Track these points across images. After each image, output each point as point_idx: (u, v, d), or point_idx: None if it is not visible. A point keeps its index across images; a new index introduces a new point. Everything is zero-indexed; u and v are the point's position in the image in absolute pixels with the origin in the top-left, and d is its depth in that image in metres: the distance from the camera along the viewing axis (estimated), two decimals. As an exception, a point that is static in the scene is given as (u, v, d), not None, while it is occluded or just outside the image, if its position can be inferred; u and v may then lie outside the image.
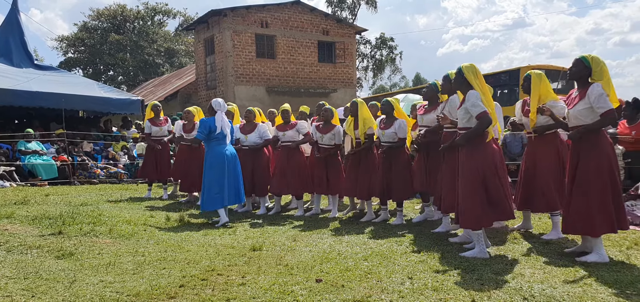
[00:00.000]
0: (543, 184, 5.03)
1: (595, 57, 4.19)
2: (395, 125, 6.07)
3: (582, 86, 4.24)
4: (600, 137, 4.18)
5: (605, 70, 4.15)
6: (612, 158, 4.18)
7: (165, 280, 3.76)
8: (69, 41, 40.06)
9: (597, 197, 4.10)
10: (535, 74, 5.02)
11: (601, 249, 4.19)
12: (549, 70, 14.56)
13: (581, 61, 4.22)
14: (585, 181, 4.16)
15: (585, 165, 4.17)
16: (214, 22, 21.24)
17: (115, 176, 11.99)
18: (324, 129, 6.79)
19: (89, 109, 14.78)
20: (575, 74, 4.27)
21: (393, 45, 39.37)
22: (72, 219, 6.19)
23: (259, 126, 7.19)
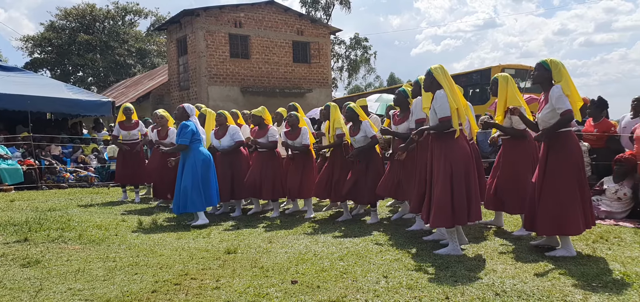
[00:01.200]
0: (516, 185, 5.09)
1: (553, 60, 4.32)
2: (363, 130, 6.15)
3: (545, 89, 4.36)
4: (568, 138, 4.27)
5: (563, 71, 4.27)
6: (579, 158, 4.28)
7: (137, 286, 3.68)
8: (35, 41, 39.02)
9: (566, 197, 4.19)
10: (502, 77, 5.09)
11: (569, 244, 4.30)
12: (519, 69, 14.89)
13: (541, 65, 4.36)
14: (554, 182, 4.24)
15: (554, 166, 4.25)
16: (187, 22, 20.98)
17: (86, 179, 11.70)
18: (292, 135, 6.83)
19: (57, 111, 14.40)
20: (538, 78, 4.41)
21: (367, 45, 39.70)
22: (39, 225, 6.02)
23: (229, 129, 7.12)
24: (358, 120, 6.21)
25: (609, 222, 5.74)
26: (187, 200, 6.26)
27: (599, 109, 7.04)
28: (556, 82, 4.27)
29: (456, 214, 4.40)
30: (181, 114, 6.51)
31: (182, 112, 6.52)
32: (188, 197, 6.25)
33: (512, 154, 5.18)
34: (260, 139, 6.96)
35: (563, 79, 4.23)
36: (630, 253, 4.34)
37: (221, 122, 7.17)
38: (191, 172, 6.29)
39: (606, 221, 5.79)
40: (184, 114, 6.51)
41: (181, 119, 6.48)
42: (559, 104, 4.15)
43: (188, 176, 6.28)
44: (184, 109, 6.53)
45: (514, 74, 14.05)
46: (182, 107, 6.55)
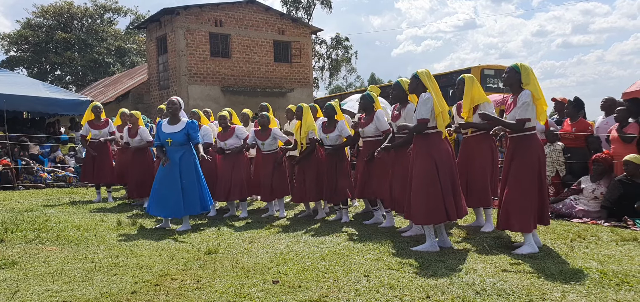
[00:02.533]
0: (477, 181, 5.39)
1: (523, 65, 4.50)
2: (338, 128, 6.22)
3: (515, 92, 4.53)
4: (532, 140, 4.46)
5: (532, 76, 4.45)
6: (541, 158, 4.48)
7: (116, 287, 3.63)
8: (12, 39, 38.19)
9: (528, 194, 4.39)
10: (468, 78, 5.34)
11: (531, 241, 4.47)
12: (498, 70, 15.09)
13: (513, 69, 4.53)
14: (516, 180, 4.43)
15: (518, 165, 4.44)
16: (167, 20, 20.75)
17: (64, 179, 11.50)
18: (263, 136, 6.85)
19: (33, 110, 14.11)
20: (508, 81, 4.57)
21: (348, 45, 39.75)
22: (15, 225, 5.89)
23: (201, 129, 7.07)
24: (334, 119, 6.27)
25: (586, 220, 5.86)
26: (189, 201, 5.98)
27: (576, 109, 7.19)
28: (525, 85, 4.44)
29: (434, 211, 4.51)
30: (177, 108, 6.09)
31: (178, 106, 6.10)
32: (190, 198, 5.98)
33: (475, 150, 5.45)
34: (229, 141, 6.95)
35: (531, 84, 4.41)
36: (608, 251, 4.43)
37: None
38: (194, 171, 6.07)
39: (583, 219, 5.91)
40: (179, 108, 6.12)
41: (177, 112, 6.08)
42: (519, 111, 4.38)
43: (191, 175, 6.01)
44: (179, 102, 6.13)
45: (493, 74, 14.25)
46: (177, 101, 6.12)
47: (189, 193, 5.96)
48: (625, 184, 5.83)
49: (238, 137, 7.01)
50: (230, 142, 6.96)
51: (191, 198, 5.98)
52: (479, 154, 5.43)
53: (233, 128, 7.04)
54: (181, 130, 5.98)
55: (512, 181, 4.46)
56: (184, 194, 5.94)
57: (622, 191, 5.82)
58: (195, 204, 6.02)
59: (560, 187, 6.89)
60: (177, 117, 6.07)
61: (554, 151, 6.97)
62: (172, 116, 6.08)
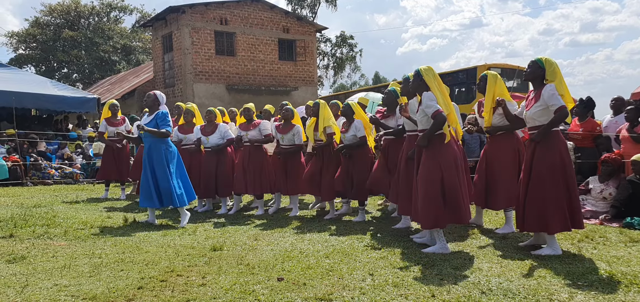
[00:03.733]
0: (501, 182, 5.16)
1: (548, 59, 4.34)
2: (353, 128, 6.16)
3: (537, 87, 4.37)
4: (554, 136, 4.30)
5: (557, 70, 4.30)
6: (565, 157, 4.31)
7: (123, 282, 3.67)
8: (20, 37, 38.48)
9: (551, 195, 4.22)
10: (491, 75, 5.14)
11: (555, 243, 4.34)
12: (505, 69, 15.03)
13: (536, 63, 4.37)
14: (540, 179, 4.28)
15: (540, 163, 4.28)
16: (172, 18, 20.83)
17: (71, 176, 11.59)
18: (284, 129, 6.80)
19: (41, 108, 14.24)
20: (531, 75, 4.41)
21: (353, 43, 39.68)
22: (24, 221, 5.95)
23: (219, 127, 7.10)
24: (352, 118, 6.22)
25: (593, 221, 5.81)
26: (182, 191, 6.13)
27: (586, 109, 7.13)
28: (549, 81, 4.29)
29: (441, 216, 4.40)
30: (153, 101, 6.20)
31: (153, 100, 6.21)
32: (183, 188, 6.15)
33: (497, 151, 5.23)
34: (250, 133, 6.93)
35: (557, 79, 4.26)
36: (616, 252, 4.40)
37: (210, 120, 7.15)
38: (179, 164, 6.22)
39: (591, 220, 5.86)
40: (155, 102, 6.21)
41: (153, 106, 6.19)
42: (552, 101, 4.17)
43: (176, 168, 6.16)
44: (156, 96, 6.23)
45: (500, 73, 14.13)
46: (154, 94, 6.25)
47: (164, 186, 6.02)
48: (635, 183, 5.79)
49: (260, 131, 6.93)
50: (251, 134, 6.91)
51: (168, 191, 6.03)
52: (503, 154, 5.18)
53: (257, 122, 7.00)
54: (151, 121, 6.11)
55: (535, 180, 4.29)
56: (157, 186, 6.04)
57: (631, 190, 5.77)
58: (180, 197, 6.10)
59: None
60: (154, 109, 6.21)
61: (564, 150, 6.94)
62: (149, 108, 6.27)
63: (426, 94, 4.46)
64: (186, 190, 6.27)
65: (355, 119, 6.20)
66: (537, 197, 4.28)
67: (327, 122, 6.38)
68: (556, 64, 4.33)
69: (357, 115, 6.26)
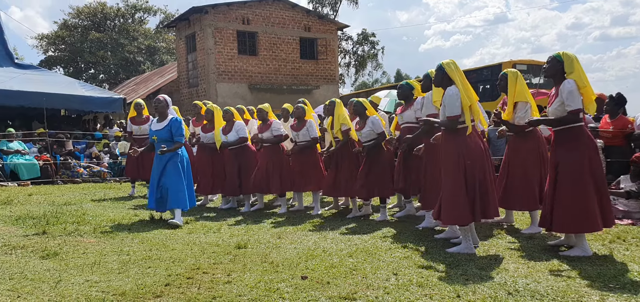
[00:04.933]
0: (524, 182, 5.10)
1: (566, 53, 4.27)
2: (369, 124, 6.16)
3: (557, 83, 4.29)
4: (581, 135, 4.21)
5: (576, 64, 4.21)
6: (593, 155, 4.21)
7: (150, 279, 3.75)
8: (49, 39, 39.43)
9: (579, 194, 4.13)
10: (511, 73, 5.10)
11: (584, 243, 4.24)
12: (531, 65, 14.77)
13: (554, 58, 4.30)
14: (566, 179, 4.20)
15: (566, 163, 4.21)
16: (195, 19, 21.07)
17: (99, 174, 11.87)
18: (298, 127, 6.90)
19: (70, 108, 14.61)
20: (550, 71, 4.34)
21: (375, 40, 39.46)
22: (56, 218, 6.13)
23: (235, 124, 7.22)
24: (365, 115, 6.23)
25: (626, 222, 5.67)
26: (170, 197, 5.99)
27: (617, 106, 6.93)
28: (568, 75, 4.21)
29: (469, 211, 4.35)
30: (164, 106, 6.20)
31: (164, 105, 6.21)
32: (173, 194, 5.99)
33: (519, 151, 5.17)
34: (264, 133, 7.02)
35: (575, 72, 4.17)
36: (647, 253, 4.27)
37: (228, 119, 7.27)
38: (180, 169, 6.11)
39: (623, 220, 5.71)
40: (166, 106, 6.23)
41: (165, 110, 6.18)
42: (569, 101, 4.10)
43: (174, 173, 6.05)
44: (167, 102, 6.25)
45: (526, 69, 13.94)
46: (164, 100, 6.24)
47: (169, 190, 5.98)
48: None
49: (272, 132, 7.05)
50: (266, 135, 7.03)
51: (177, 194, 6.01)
52: (523, 154, 5.13)
53: (270, 123, 7.10)
54: (165, 127, 6.09)
55: (562, 179, 4.21)
56: (160, 190, 6.02)
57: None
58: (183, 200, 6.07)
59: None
60: (165, 114, 6.19)
61: (593, 149, 6.78)
62: (160, 114, 6.23)
63: (450, 89, 4.42)
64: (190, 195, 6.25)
65: (369, 116, 6.21)
66: (565, 197, 4.20)
67: (342, 120, 6.44)
68: (575, 57, 4.24)
69: (370, 112, 6.29)
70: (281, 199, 7.19)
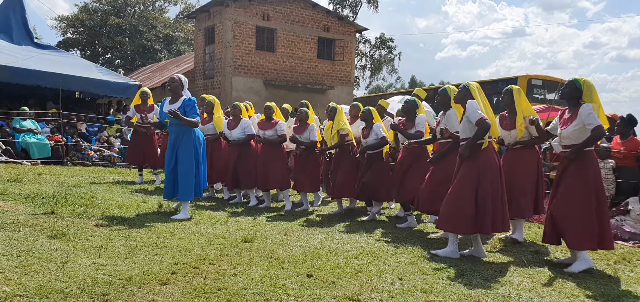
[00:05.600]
0: (517, 192, 5.23)
1: (586, 81, 4.36)
2: (373, 133, 6.31)
3: (573, 107, 4.39)
4: (589, 154, 4.30)
5: (595, 94, 4.32)
6: (597, 176, 4.31)
7: (157, 266, 3.78)
8: (69, 21, 39.77)
9: (581, 211, 4.21)
10: (516, 89, 5.27)
11: (586, 255, 4.29)
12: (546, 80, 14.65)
13: (573, 83, 4.39)
14: (570, 195, 4.28)
15: (572, 179, 4.29)
16: (216, 11, 21.17)
17: (109, 159, 11.96)
18: (299, 130, 7.01)
19: (86, 91, 14.73)
20: (567, 95, 4.43)
21: (392, 45, 39.42)
22: (64, 199, 6.19)
23: (242, 121, 7.26)
24: (371, 123, 6.36)
25: (631, 243, 5.65)
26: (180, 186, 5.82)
27: (629, 127, 6.91)
28: (585, 102, 4.30)
29: (468, 223, 4.41)
30: (178, 85, 5.88)
31: (178, 84, 5.89)
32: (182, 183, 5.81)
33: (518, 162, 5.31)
34: (268, 131, 7.11)
35: (595, 102, 4.27)
36: (651, 276, 4.27)
37: (235, 114, 7.32)
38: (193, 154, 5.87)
39: (629, 242, 5.69)
40: (180, 86, 5.90)
41: (177, 90, 5.88)
42: (589, 121, 4.18)
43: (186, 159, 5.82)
44: (181, 80, 5.93)
45: (541, 85, 13.84)
46: (178, 78, 5.94)
47: (183, 177, 5.79)
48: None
49: (276, 131, 7.14)
50: (268, 133, 7.12)
51: (185, 183, 5.80)
52: (522, 166, 5.30)
53: (275, 122, 7.16)
54: (178, 108, 5.77)
55: (565, 195, 4.30)
56: (177, 178, 5.82)
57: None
58: (190, 191, 5.85)
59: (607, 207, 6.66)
60: (178, 94, 5.88)
61: (604, 169, 6.72)
62: (173, 94, 5.93)
63: (471, 102, 4.51)
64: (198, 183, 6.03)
65: (374, 124, 6.34)
66: (567, 213, 4.28)
67: (341, 126, 6.58)
68: (594, 87, 4.35)
69: (376, 119, 6.44)
70: (284, 192, 7.27)
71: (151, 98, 9.21)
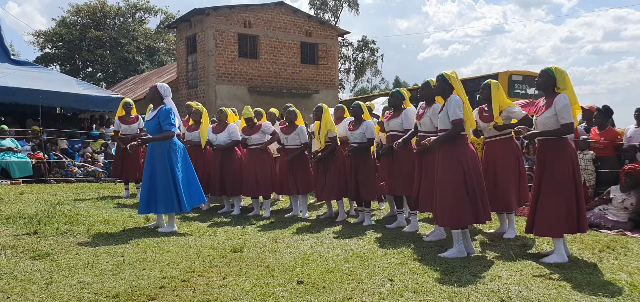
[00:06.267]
0: (501, 185, 5.34)
1: (558, 68, 4.45)
2: (363, 127, 6.22)
3: (549, 95, 4.47)
4: (566, 144, 4.40)
5: (567, 80, 4.42)
6: (575, 164, 4.41)
7: (145, 281, 3.72)
8: (47, 36, 39.27)
9: (563, 200, 4.31)
10: (494, 83, 5.41)
11: (562, 249, 4.38)
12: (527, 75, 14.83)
13: (546, 72, 4.47)
14: (552, 185, 4.37)
15: (552, 170, 4.38)
16: (197, 20, 21.07)
17: (93, 174, 11.80)
18: (288, 130, 6.94)
19: (67, 106, 14.53)
20: (542, 84, 4.52)
21: (374, 47, 39.65)
22: (47, 218, 6.09)
23: (229, 126, 7.24)
24: (361, 118, 6.30)
25: (615, 232, 5.73)
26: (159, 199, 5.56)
27: (605, 118, 7.03)
28: (560, 90, 4.40)
29: (471, 213, 4.50)
30: (154, 95, 5.65)
31: (154, 93, 5.65)
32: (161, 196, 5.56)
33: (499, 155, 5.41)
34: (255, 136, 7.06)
35: (568, 89, 4.39)
36: (637, 263, 4.33)
37: (221, 119, 7.27)
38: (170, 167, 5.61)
39: (613, 230, 5.78)
40: (156, 95, 5.65)
41: (155, 101, 5.66)
42: (563, 114, 4.29)
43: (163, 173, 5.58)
44: (157, 89, 5.67)
45: (522, 80, 14.04)
46: (155, 87, 5.70)
47: (161, 190, 5.55)
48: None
49: (264, 133, 7.09)
50: (254, 138, 7.06)
51: (165, 195, 5.55)
52: (504, 158, 5.41)
53: (259, 125, 7.12)
54: (153, 118, 5.56)
55: (547, 186, 4.39)
56: (155, 191, 5.56)
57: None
58: (171, 203, 5.58)
59: (589, 197, 6.75)
60: (158, 104, 5.67)
61: (584, 159, 6.83)
62: (153, 103, 5.75)
63: (455, 98, 4.60)
64: (194, 192, 5.82)
65: (365, 120, 6.26)
66: (550, 203, 4.36)
67: (329, 126, 6.51)
68: (566, 73, 4.45)
69: (367, 117, 6.36)
70: (266, 201, 7.21)
71: (134, 109, 9.11)
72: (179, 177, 5.64)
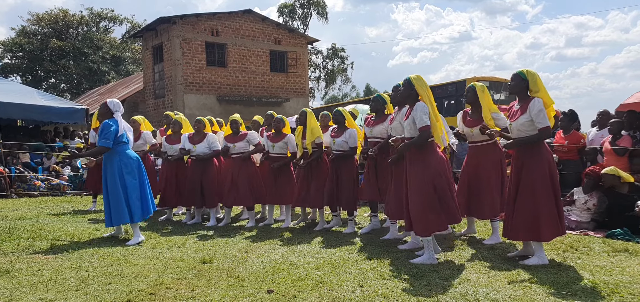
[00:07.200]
0: (486, 192, 5.26)
1: (530, 71, 4.45)
2: (346, 135, 6.17)
3: (522, 100, 4.47)
4: (542, 147, 4.42)
5: (539, 81, 4.42)
6: (552, 166, 4.43)
7: (111, 295, 3.63)
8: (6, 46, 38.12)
9: (543, 203, 4.32)
10: (479, 86, 5.31)
11: (542, 253, 4.42)
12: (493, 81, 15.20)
13: (518, 75, 4.47)
14: (530, 189, 4.36)
15: (529, 173, 4.38)
16: (163, 29, 20.81)
17: (58, 188, 11.46)
18: (275, 138, 6.81)
19: (28, 118, 14.07)
20: (515, 88, 4.51)
21: (344, 55, 39.97)
22: (8, 234, 5.88)
23: (208, 136, 7.08)
24: (344, 125, 6.25)
25: (578, 232, 5.91)
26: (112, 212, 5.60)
27: (569, 122, 7.25)
28: (533, 92, 4.40)
29: (434, 221, 4.50)
30: (104, 111, 5.74)
31: (104, 109, 5.74)
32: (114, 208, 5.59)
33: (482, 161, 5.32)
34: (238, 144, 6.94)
35: (541, 91, 4.37)
36: (599, 262, 4.46)
37: (199, 129, 7.13)
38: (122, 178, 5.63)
39: (576, 231, 5.95)
40: (106, 112, 5.73)
41: (104, 117, 5.75)
42: (539, 119, 4.27)
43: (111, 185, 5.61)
44: (106, 105, 5.74)
45: (488, 86, 14.37)
46: (105, 103, 5.77)
47: (113, 202, 5.60)
48: (610, 195, 5.95)
49: (249, 142, 6.96)
50: (239, 146, 6.93)
51: (116, 207, 5.59)
52: (487, 163, 5.29)
53: (245, 133, 7.01)
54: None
55: (525, 190, 4.38)
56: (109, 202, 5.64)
57: (607, 202, 5.94)
58: (122, 214, 5.61)
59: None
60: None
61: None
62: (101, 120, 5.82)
63: (421, 105, 4.55)
64: (143, 204, 5.79)
65: (348, 128, 6.23)
66: (528, 207, 4.36)
67: (316, 133, 6.40)
68: (538, 75, 4.44)
69: (349, 124, 6.29)
70: (249, 212, 7.10)
71: None
72: (129, 189, 5.66)
